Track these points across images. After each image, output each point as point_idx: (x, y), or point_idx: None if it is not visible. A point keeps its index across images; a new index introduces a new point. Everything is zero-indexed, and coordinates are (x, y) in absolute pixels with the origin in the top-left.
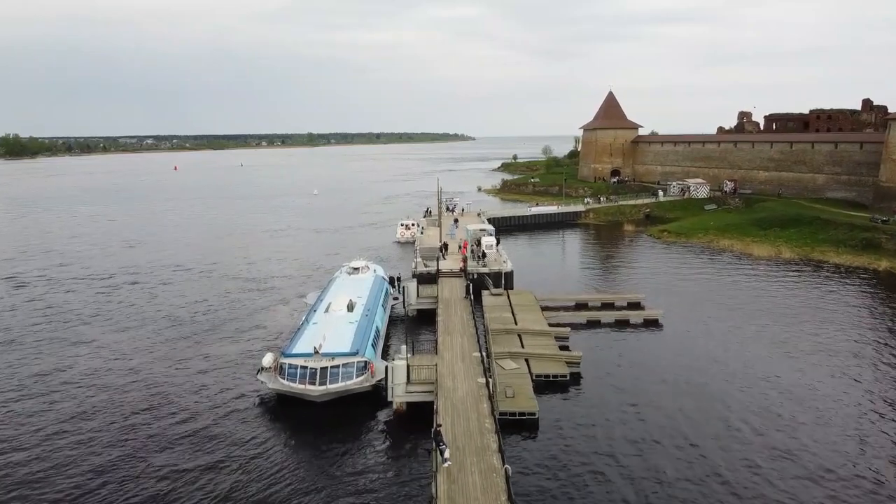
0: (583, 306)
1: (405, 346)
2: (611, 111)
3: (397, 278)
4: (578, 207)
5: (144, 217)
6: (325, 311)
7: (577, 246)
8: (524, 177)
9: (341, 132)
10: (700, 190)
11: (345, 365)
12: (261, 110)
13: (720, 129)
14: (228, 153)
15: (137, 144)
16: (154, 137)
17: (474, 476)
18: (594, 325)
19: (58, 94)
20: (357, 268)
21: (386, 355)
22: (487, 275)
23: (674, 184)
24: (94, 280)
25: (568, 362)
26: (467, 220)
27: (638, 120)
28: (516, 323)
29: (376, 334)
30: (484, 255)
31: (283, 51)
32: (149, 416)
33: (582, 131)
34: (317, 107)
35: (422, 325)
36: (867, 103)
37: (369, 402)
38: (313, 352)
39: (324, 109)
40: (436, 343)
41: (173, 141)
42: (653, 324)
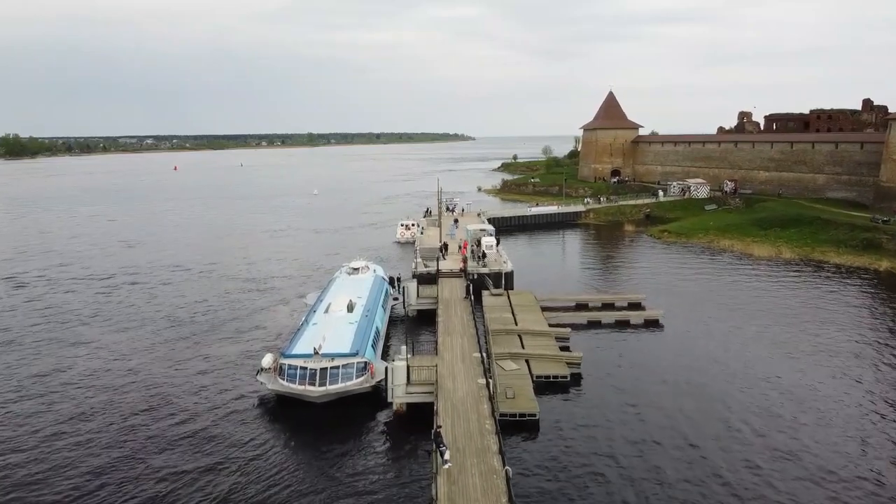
0: (583, 307)
1: (405, 346)
2: (611, 111)
3: (397, 278)
4: (578, 207)
5: (144, 217)
6: (325, 311)
7: (577, 246)
8: (524, 177)
9: (341, 132)
10: (700, 190)
11: (345, 366)
12: (261, 110)
13: (720, 129)
14: (228, 153)
15: (137, 144)
16: (154, 137)
17: (474, 477)
18: (594, 325)
19: (58, 94)
20: (357, 268)
21: (386, 356)
22: (487, 275)
23: (674, 184)
24: (93, 280)
25: (568, 363)
26: (467, 220)
27: (638, 120)
28: (516, 323)
29: (376, 335)
30: (484, 255)
31: (283, 51)
32: (148, 417)
33: (582, 131)
34: (317, 107)
35: (422, 325)
36: (867, 103)
37: (369, 403)
38: (313, 352)
39: (324, 109)
40: (436, 344)
41: (173, 141)
42: (653, 324)
